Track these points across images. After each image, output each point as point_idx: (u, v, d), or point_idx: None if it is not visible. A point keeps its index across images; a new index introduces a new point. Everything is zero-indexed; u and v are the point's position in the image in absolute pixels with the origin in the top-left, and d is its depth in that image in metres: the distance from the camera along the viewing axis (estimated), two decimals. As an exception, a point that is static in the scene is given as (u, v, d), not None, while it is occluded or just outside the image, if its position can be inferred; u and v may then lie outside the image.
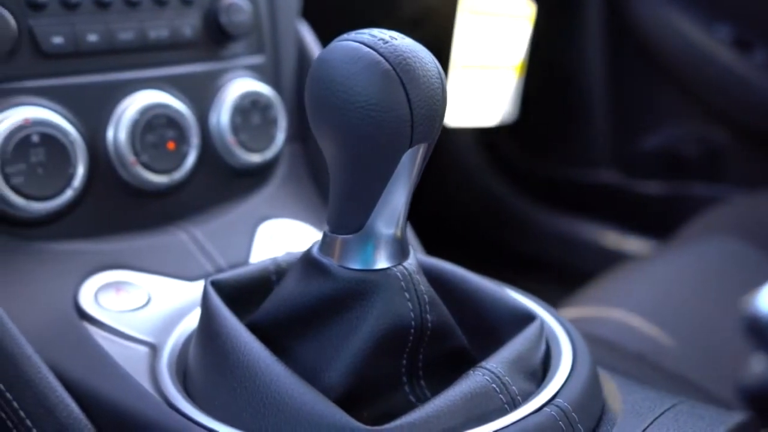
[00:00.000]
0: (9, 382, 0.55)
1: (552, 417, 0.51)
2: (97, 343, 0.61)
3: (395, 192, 0.53)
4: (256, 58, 0.86)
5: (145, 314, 0.65)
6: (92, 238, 0.72)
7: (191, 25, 0.79)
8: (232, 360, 0.53)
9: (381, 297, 0.54)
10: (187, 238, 0.76)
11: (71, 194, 0.69)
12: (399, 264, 0.55)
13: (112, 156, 0.73)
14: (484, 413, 0.52)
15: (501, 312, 0.62)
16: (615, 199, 1.88)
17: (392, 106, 0.48)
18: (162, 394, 0.54)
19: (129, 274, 0.69)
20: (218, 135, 0.81)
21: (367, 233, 0.54)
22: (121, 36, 0.74)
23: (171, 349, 0.61)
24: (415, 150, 0.51)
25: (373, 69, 0.48)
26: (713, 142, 1.80)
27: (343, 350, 0.54)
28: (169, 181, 0.76)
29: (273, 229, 0.81)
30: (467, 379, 0.53)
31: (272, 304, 0.58)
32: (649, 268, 1.26)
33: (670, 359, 0.94)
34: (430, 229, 0.93)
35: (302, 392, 0.50)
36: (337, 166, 0.53)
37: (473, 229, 2.03)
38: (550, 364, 0.59)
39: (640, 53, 1.79)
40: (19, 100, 0.68)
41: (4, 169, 0.65)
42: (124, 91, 0.74)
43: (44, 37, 0.69)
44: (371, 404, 0.55)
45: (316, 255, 0.56)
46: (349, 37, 0.51)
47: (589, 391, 0.55)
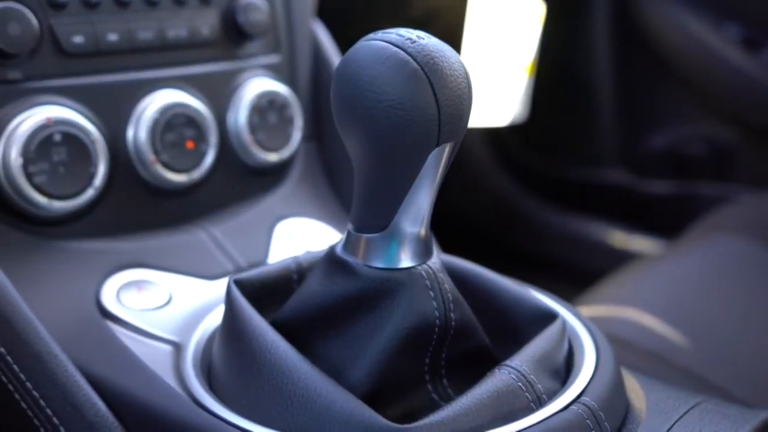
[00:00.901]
0: (36, 381, 0.55)
1: (579, 415, 0.51)
2: (121, 342, 0.61)
3: (421, 191, 0.53)
4: (272, 58, 0.86)
5: (167, 313, 0.65)
6: (112, 236, 0.72)
7: (209, 25, 0.79)
8: (259, 359, 0.53)
9: (406, 296, 0.54)
10: (206, 237, 0.76)
11: (92, 193, 0.69)
12: (423, 263, 0.55)
13: (132, 155, 0.73)
14: (511, 411, 0.52)
15: (522, 310, 0.62)
16: (622, 199, 1.88)
17: (420, 106, 0.48)
18: (189, 393, 0.55)
19: (150, 272, 0.69)
20: (236, 134, 0.81)
21: (392, 232, 0.54)
22: (140, 35, 0.74)
23: (194, 348, 0.61)
24: (441, 149, 0.51)
25: (401, 68, 0.48)
26: (721, 141, 1.80)
27: (368, 349, 0.54)
28: (188, 180, 0.76)
29: (290, 228, 0.81)
30: (493, 378, 0.54)
31: (296, 302, 0.58)
32: (659, 267, 1.26)
33: (684, 358, 0.94)
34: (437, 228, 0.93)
35: (331, 390, 0.50)
36: (362, 165, 0.53)
37: (481, 228, 2.03)
38: (573, 362, 0.59)
39: (648, 53, 1.79)
40: (41, 100, 0.68)
41: (26, 168, 0.65)
42: (143, 90, 0.74)
43: (65, 37, 0.69)
44: (394, 403, 0.55)
45: (341, 254, 0.56)
46: (376, 36, 0.51)
47: (614, 389, 0.55)
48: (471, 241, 1.97)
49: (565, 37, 1.84)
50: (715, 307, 1.08)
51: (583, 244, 1.90)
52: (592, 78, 1.85)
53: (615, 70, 1.83)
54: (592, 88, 1.85)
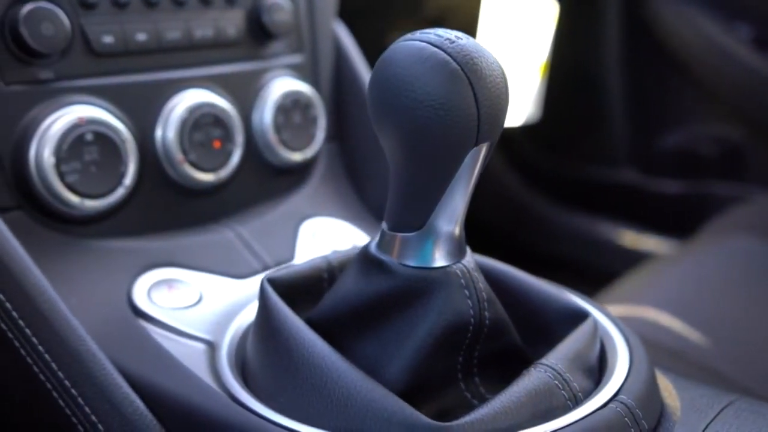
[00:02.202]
0: (74, 379, 0.55)
1: (618, 413, 0.51)
2: (154, 340, 0.61)
3: (457, 191, 0.53)
4: (295, 57, 0.87)
5: (199, 312, 0.65)
6: (141, 235, 0.72)
7: (235, 25, 0.80)
8: (296, 357, 0.53)
9: (441, 294, 0.54)
10: (233, 236, 0.76)
11: (123, 192, 0.69)
12: (458, 262, 0.55)
13: (161, 154, 0.73)
14: (548, 410, 0.52)
15: (553, 310, 0.63)
16: (633, 199, 1.88)
17: (460, 105, 0.49)
18: (227, 391, 0.55)
19: (179, 271, 0.70)
20: (261, 134, 0.81)
21: (427, 231, 0.54)
22: (168, 35, 0.74)
23: (228, 346, 0.61)
24: (479, 149, 0.51)
25: (442, 68, 0.49)
26: (732, 140, 1.80)
27: (403, 347, 0.54)
28: (215, 179, 0.76)
29: (315, 227, 0.81)
30: (529, 376, 0.54)
31: (331, 301, 0.58)
32: (676, 266, 1.26)
33: (705, 357, 0.94)
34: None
35: (371, 388, 0.50)
36: (400, 165, 0.53)
37: (492, 228, 2.03)
38: (606, 361, 0.59)
39: (660, 52, 1.79)
40: (72, 99, 0.68)
41: (59, 168, 0.65)
42: (171, 90, 0.75)
43: (95, 36, 0.70)
44: (428, 401, 0.56)
45: (375, 252, 0.56)
46: (414, 36, 0.51)
47: (650, 388, 0.55)
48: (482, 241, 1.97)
49: (577, 36, 1.84)
50: (733, 306, 1.09)
51: (594, 243, 1.90)
52: (603, 78, 1.85)
53: (626, 70, 1.83)
54: (604, 87, 1.85)
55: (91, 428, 0.55)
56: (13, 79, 0.65)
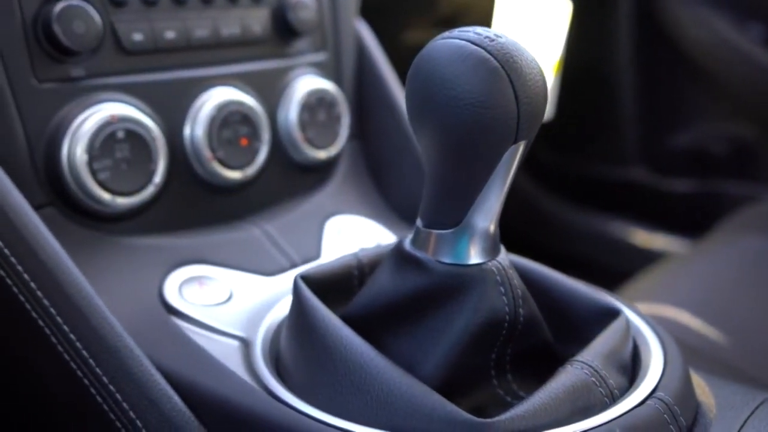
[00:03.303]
0: (112, 375, 0.55)
1: (657, 410, 0.51)
2: (188, 337, 0.61)
3: (494, 188, 0.53)
4: (319, 55, 0.87)
5: (230, 309, 0.65)
6: (170, 233, 0.72)
7: (260, 23, 0.80)
8: (334, 355, 0.53)
9: (477, 291, 0.54)
10: (260, 234, 0.76)
11: (153, 190, 0.69)
12: (493, 259, 0.56)
13: (189, 152, 0.74)
14: (586, 406, 0.52)
15: (584, 307, 0.63)
16: (645, 197, 1.88)
17: (501, 103, 0.49)
18: (265, 388, 0.55)
19: (209, 268, 0.70)
20: (286, 131, 0.81)
21: (463, 229, 0.54)
22: (196, 33, 0.74)
23: (262, 343, 0.61)
24: (517, 146, 0.51)
25: (483, 66, 0.49)
26: (744, 140, 1.80)
27: (438, 344, 0.55)
28: (242, 176, 0.76)
29: (339, 224, 0.81)
30: (566, 373, 0.54)
31: (365, 298, 0.58)
32: (692, 265, 1.26)
33: (725, 354, 0.94)
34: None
35: (411, 385, 0.51)
36: (437, 162, 0.53)
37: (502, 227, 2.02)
38: (639, 358, 0.59)
39: (672, 51, 1.79)
40: (103, 97, 0.68)
41: (91, 165, 0.65)
42: (199, 87, 0.75)
43: (126, 34, 0.70)
44: (462, 398, 0.56)
45: (410, 249, 0.56)
46: (453, 35, 0.51)
47: (686, 385, 0.55)
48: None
49: (589, 35, 1.84)
50: (752, 303, 1.09)
51: (605, 242, 1.90)
52: (615, 76, 1.85)
53: (638, 69, 1.83)
54: (615, 86, 1.85)
55: (129, 425, 0.55)
56: (46, 77, 0.65)
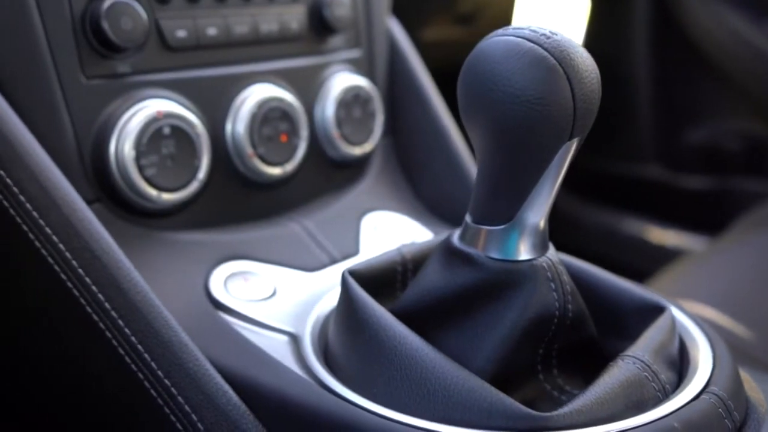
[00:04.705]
0: (167, 369, 0.56)
1: (712, 404, 0.52)
2: (237, 332, 0.62)
3: (546, 184, 0.53)
4: (354, 52, 0.87)
5: (275, 304, 0.66)
6: (212, 229, 0.73)
7: (298, 20, 0.80)
8: (388, 349, 0.54)
9: (528, 287, 0.55)
10: (299, 229, 0.77)
11: (196, 186, 0.70)
12: (542, 255, 0.56)
13: (230, 148, 0.74)
14: (640, 401, 0.52)
15: (628, 303, 0.63)
16: (659, 194, 1.88)
17: (558, 101, 0.49)
18: (319, 381, 0.55)
19: (252, 264, 0.70)
20: (323, 128, 0.82)
21: (515, 225, 0.54)
22: (236, 30, 0.75)
23: (311, 338, 0.62)
24: (571, 143, 0.52)
25: (540, 64, 0.49)
26: (759, 136, 1.80)
27: (488, 339, 0.55)
28: (281, 173, 0.77)
29: (376, 220, 0.82)
30: (618, 368, 0.54)
31: (415, 294, 0.59)
32: (711, 262, 1.27)
33: (754, 350, 0.95)
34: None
35: (468, 378, 0.51)
36: (490, 158, 0.53)
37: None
38: (686, 353, 0.60)
39: (686, 47, 1.79)
40: (148, 93, 0.69)
41: (138, 161, 0.66)
42: (240, 84, 0.75)
43: (169, 31, 0.70)
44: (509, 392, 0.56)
45: (459, 245, 0.57)
46: (508, 32, 0.51)
47: (737, 380, 0.56)
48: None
49: (605, 31, 1.85)
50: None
51: (620, 239, 1.90)
52: (630, 73, 1.85)
53: (653, 65, 1.83)
54: (631, 83, 1.85)
55: (185, 419, 0.56)
56: (94, 73, 0.66)
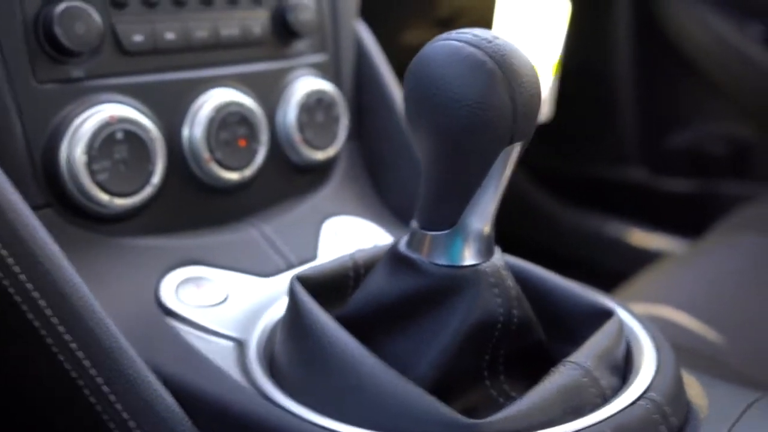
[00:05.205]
0: (107, 376, 0.56)
1: (648, 410, 0.52)
2: (183, 338, 0.62)
3: (489, 189, 0.54)
4: (319, 57, 0.87)
5: (226, 310, 0.66)
6: (167, 234, 0.73)
7: (260, 24, 0.80)
8: (329, 356, 0.54)
9: (471, 293, 0.55)
10: (257, 235, 0.77)
11: (150, 191, 0.70)
12: (487, 260, 0.56)
13: (187, 153, 0.74)
14: (579, 407, 0.52)
15: (577, 308, 0.63)
16: (643, 197, 1.89)
17: (498, 105, 0.49)
18: (258, 389, 0.55)
19: (206, 269, 0.70)
20: (284, 132, 0.82)
21: (458, 230, 0.55)
22: (196, 34, 0.75)
23: (257, 344, 0.62)
24: (512, 147, 0.52)
25: (479, 68, 0.49)
26: (742, 139, 1.80)
27: (432, 345, 0.55)
28: (240, 178, 0.77)
29: (337, 225, 0.82)
30: (559, 374, 0.54)
31: (360, 299, 0.59)
32: (688, 265, 1.27)
33: (720, 355, 0.95)
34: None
35: (405, 386, 0.51)
36: (433, 164, 0.54)
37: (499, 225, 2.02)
38: (632, 359, 0.60)
39: (670, 50, 1.79)
40: (103, 98, 0.69)
41: (90, 166, 0.66)
42: (198, 89, 0.75)
43: (126, 35, 0.70)
44: (455, 399, 0.56)
45: (405, 251, 0.57)
46: (451, 36, 0.51)
47: (678, 385, 0.56)
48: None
49: (588, 35, 1.85)
50: (748, 304, 1.09)
51: (603, 242, 1.90)
52: (613, 75, 1.85)
53: (636, 68, 1.84)
54: (614, 85, 1.85)
55: (122, 425, 0.56)
56: (46, 78, 0.66)
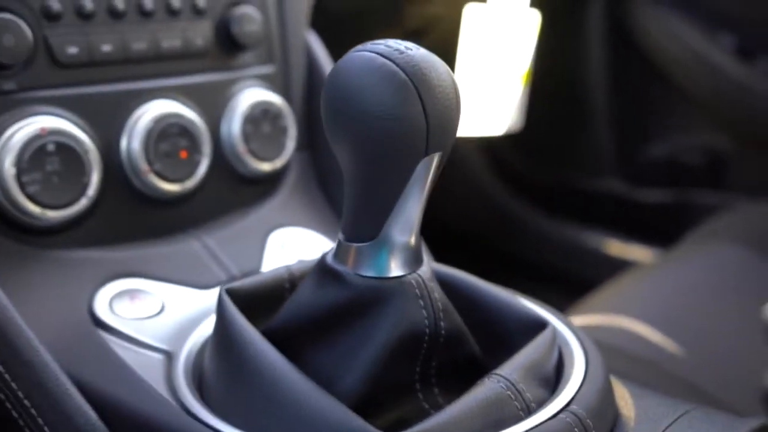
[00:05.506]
0: (28, 390, 0.55)
1: (568, 424, 0.51)
2: (112, 351, 0.61)
3: (409, 201, 0.53)
4: (266, 68, 0.87)
5: (160, 322, 0.65)
6: (105, 246, 0.72)
7: (203, 36, 0.80)
8: (248, 368, 0.53)
9: (396, 304, 0.54)
10: (199, 246, 0.76)
11: (86, 203, 0.69)
12: (413, 272, 0.56)
13: (126, 165, 0.74)
14: (500, 420, 0.52)
15: (512, 319, 0.63)
16: (619, 207, 1.89)
17: (408, 116, 0.49)
18: (179, 402, 0.55)
19: (143, 282, 0.70)
20: (229, 144, 0.81)
21: (381, 241, 0.54)
22: (134, 46, 0.74)
23: (186, 357, 0.61)
24: (430, 159, 0.52)
25: (390, 79, 0.49)
26: (717, 150, 1.81)
27: (358, 357, 0.54)
28: (181, 189, 0.76)
29: (284, 237, 0.81)
30: (482, 386, 0.54)
31: (287, 312, 0.58)
32: (654, 275, 1.27)
33: (678, 367, 0.94)
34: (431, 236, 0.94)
35: (319, 399, 0.50)
36: (352, 175, 0.53)
37: (475, 236, 2.03)
38: (563, 370, 0.59)
39: (643, 62, 1.80)
40: (35, 110, 0.68)
41: (20, 178, 0.65)
42: (137, 100, 0.75)
43: (59, 47, 0.70)
44: (385, 411, 0.56)
45: (331, 263, 0.56)
46: (365, 47, 0.51)
47: (603, 397, 0.55)
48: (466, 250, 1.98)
49: (560, 45, 1.85)
50: (709, 315, 1.09)
51: (579, 252, 1.90)
52: (587, 87, 1.85)
53: (611, 79, 1.84)
54: (588, 96, 1.86)
55: None
56: None
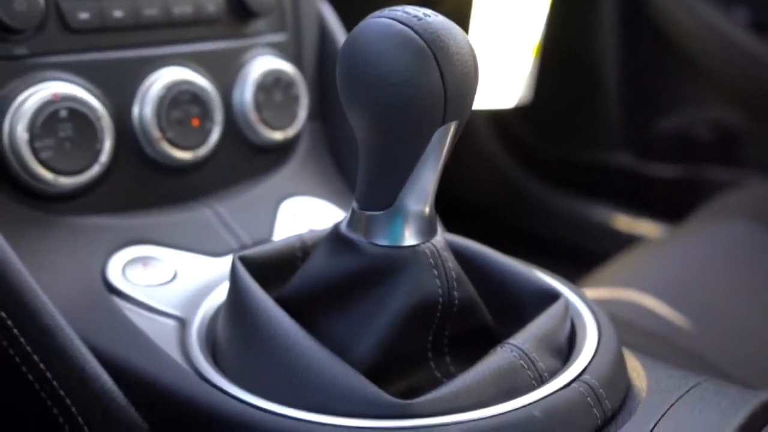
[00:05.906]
0: (42, 354, 0.55)
1: (580, 393, 0.51)
2: (126, 317, 0.62)
3: (425, 169, 0.53)
4: (278, 36, 0.86)
5: (172, 289, 0.66)
6: (118, 213, 0.72)
7: (214, 2, 0.79)
8: (262, 334, 0.54)
9: (410, 273, 0.54)
10: (211, 214, 0.76)
11: (98, 169, 0.69)
12: (427, 241, 0.56)
13: (138, 132, 0.73)
14: (513, 388, 0.52)
15: (525, 290, 0.63)
16: (628, 182, 1.88)
17: (426, 83, 0.48)
18: (194, 367, 0.55)
19: (155, 249, 0.70)
20: (241, 112, 0.81)
21: (396, 210, 0.54)
22: (145, 12, 0.74)
23: (199, 323, 0.61)
24: (447, 127, 0.51)
25: (407, 46, 0.48)
26: (728, 125, 1.79)
27: (371, 325, 0.55)
28: (193, 157, 0.76)
29: (295, 206, 0.81)
30: (495, 355, 0.54)
31: (300, 280, 0.58)
32: (664, 249, 1.26)
33: (686, 340, 0.94)
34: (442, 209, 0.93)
35: (333, 365, 0.51)
36: (367, 143, 0.53)
37: (485, 209, 2.03)
38: (576, 341, 0.59)
39: (656, 35, 1.78)
40: (47, 75, 0.68)
41: (32, 144, 0.65)
42: (149, 67, 0.74)
43: (71, 13, 0.69)
44: (397, 379, 0.56)
45: (345, 231, 0.56)
46: (383, 14, 0.51)
47: (616, 368, 0.55)
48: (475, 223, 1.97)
49: (572, 18, 1.83)
50: (719, 290, 1.09)
51: (588, 226, 1.90)
52: (598, 60, 1.84)
53: (622, 53, 1.82)
54: (599, 70, 1.84)
55: (59, 402, 0.55)
56: None
